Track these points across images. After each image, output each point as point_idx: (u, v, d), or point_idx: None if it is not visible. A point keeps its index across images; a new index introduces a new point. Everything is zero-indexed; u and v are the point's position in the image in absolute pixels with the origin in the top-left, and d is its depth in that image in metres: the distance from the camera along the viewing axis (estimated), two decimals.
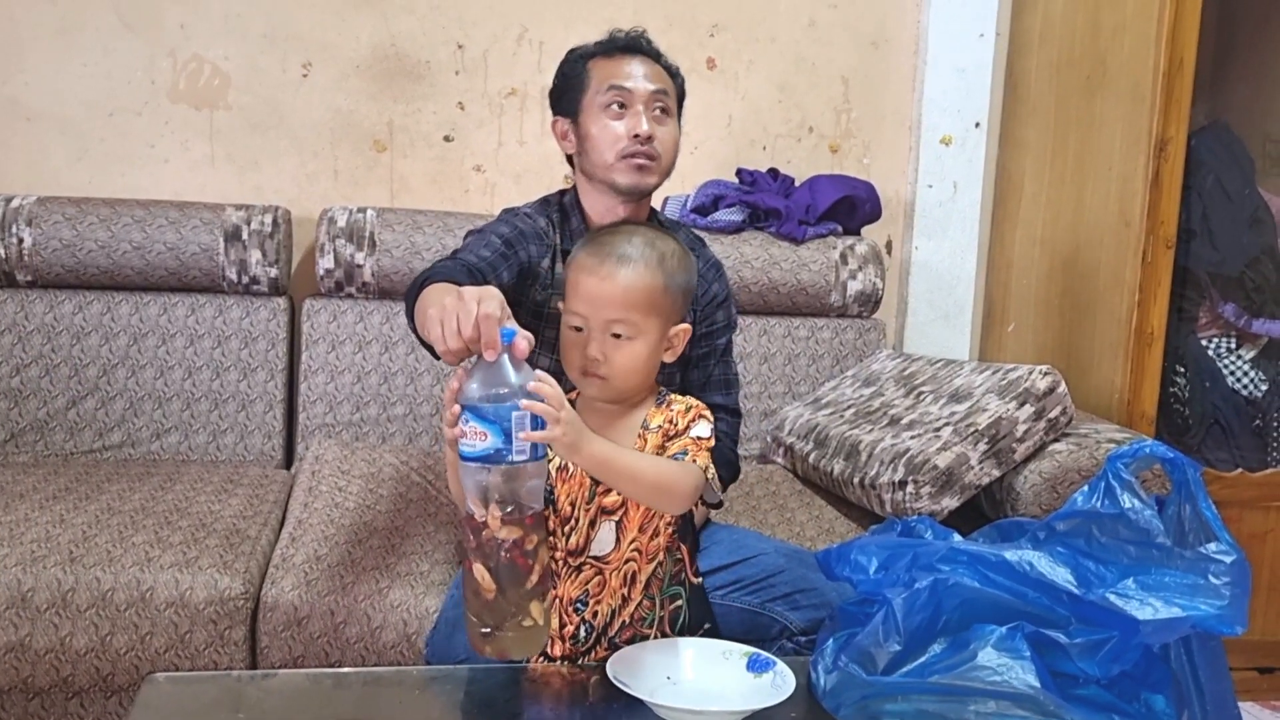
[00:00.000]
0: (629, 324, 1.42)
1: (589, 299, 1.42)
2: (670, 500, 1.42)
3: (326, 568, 1.96)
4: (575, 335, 1.44)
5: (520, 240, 1.83)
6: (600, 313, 1.42)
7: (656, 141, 1.80)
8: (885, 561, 1.41)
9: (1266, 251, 2.90)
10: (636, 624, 1.49)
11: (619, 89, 1.81)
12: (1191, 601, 1.25)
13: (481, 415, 1.25)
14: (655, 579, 1.50)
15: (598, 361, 1.42)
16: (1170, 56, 2.49)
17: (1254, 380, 2.95)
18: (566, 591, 1.48)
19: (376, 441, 2.60)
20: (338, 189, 2.88)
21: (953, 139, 3.01)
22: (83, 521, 2.08)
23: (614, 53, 1.86)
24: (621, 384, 1.45)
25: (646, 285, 1.43)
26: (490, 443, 1.25)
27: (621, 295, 1.41)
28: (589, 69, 1.86)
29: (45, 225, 2.55)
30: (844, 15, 3.00)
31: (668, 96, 1.84)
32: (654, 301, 1.44)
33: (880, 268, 2.82)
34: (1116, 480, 1.35)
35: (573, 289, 1.44)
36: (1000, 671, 1.27)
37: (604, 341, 1.42)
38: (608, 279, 1.41)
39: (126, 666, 1.92)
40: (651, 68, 1.85)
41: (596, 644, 1.49)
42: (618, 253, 1.43)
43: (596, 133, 1.82)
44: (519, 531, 1.28)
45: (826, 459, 2.37)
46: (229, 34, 2.80)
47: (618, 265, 1.42)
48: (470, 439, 1.26)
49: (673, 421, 1.46)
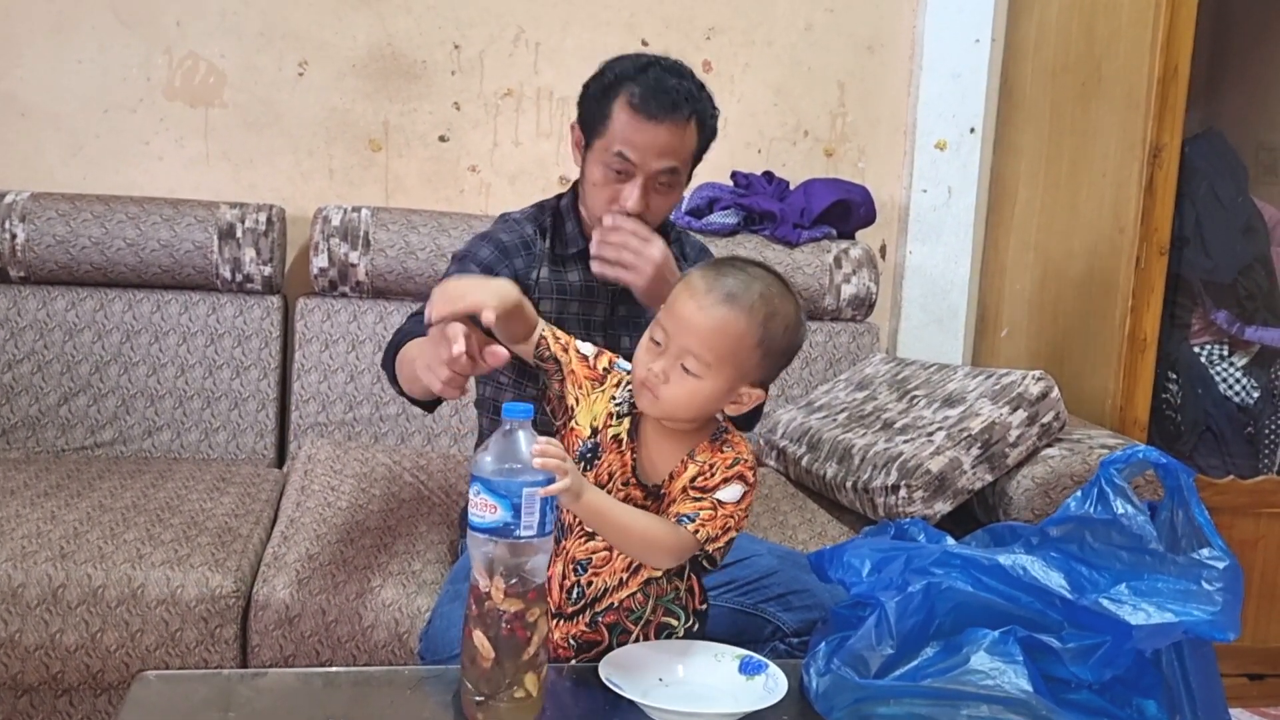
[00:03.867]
0: (701, 362, 1.37)
1: (677, 320, 1.37)
2: (651, 557, 1.43)
3: (318, 566, 1.95)
4: (652, 346, 1.40)
5: (502, 260, 1.80)
6: (681, 338, 1.37)
7: (648, 214, 1.74)
8: (878, 564, 1.41)
9: (1259, 259, 2.90)
10: (622, 613, 1.48)
11: (624, 158, 1.71)
12: (1184, 607, 1.25)
13: (493, 489, 1.25)
14: (655, 583, 1.49)
15: (657, 377, 1.38)
16: (1165, 64, 2.49)
17: (1246, 387, 2.95)
18: (574, 550, 1.48)
19: (369, 441, 2.60)
20: (333, 188, 2.88)
21: (947, 144, 3.02)
22: (74, 518, 2.08)
23: (640, 116, 1.70)
24: (669, 411, 1.41)
25: (737, 333, 1.37)
26: (499, 516, 1.25)
27: (708, 332, 1.36)
28: (614, 110, 1.72)
29: (39, 221, 2.54)
30: (840, 20, 3.01)
31: (675, 172, 1.74)
32: (737, 352, 1.38)
33: (874, 272, 2.82)
34: (1109, 486, 1.35)
35: (670, 304, 1.39)
36: (993, 675, 1.27)
37: (672, 365, 1.38)
38: (703, 310, 1.36)
39: (116, 664, 1.91)
40: (673, 141, 1.72)
41: (581, 613, 1.49)
42: (728, 289, 1.37)
43: (593, 182, 1.76)
44: (521, 604, 1.29)
45: (819, 462, 2.37)
46: (225, 32, 2.79)
47: (720, 302, 1.36)
48: (480, 510, 1.26)
49: (712, 468, 1.42)
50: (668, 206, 1.80)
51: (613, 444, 1.47)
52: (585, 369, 1.49)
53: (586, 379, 1.49)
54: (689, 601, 1.53)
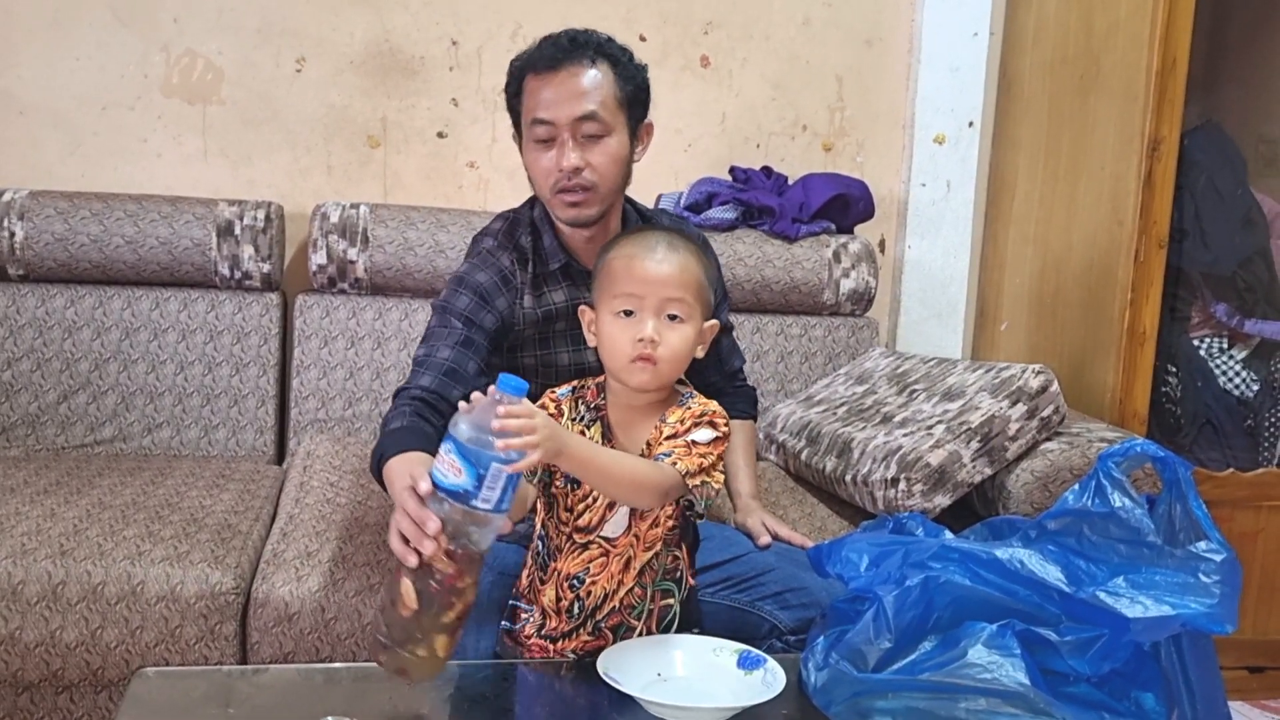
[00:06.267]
0: (684, 304, 1.45)
1: (646, 279, 1.44)
2: (640, 497, 1.44)
3: (318, 563, 1.96)
4: (625, 321, 1.45)
5: (483, 307, 1.77)
6: (659, 292, 1.44)
7: (588, 171, 1.70)
8: (876, 559, 1.41)
9: (1259, 252, 2.90)
10: (625, 611, 1.50)
11: (541, 121, 1.70)
12: (1182, 600, 1.25)
13: (464, 453, 1.25)
14: (650, 569, 1.51)
15: (654, 342, 1.43)
16: (1163, 57, 2.49)
17: (1245, 380, 2.95)
18: (566, 567, 1.50)
19: (369, 437, 2.60)
20: (331, 184, 2.88)
21: (946, 138, 3.02)
22: (74, 515, 2.08)
23: (541, 69, 1.71)
24: (669, 370, 1.47)
25: (696, 270, 1.47)
26: (462, 481, 1.26)
27: (679, 275, 1.45)
28: (524, 90, 1.75)
29: (37, 219, 2.54)
30: (838, 13, 3.01)
31: (598, 118, 1.70)
32: (700, 287, 1.48)
33: (873, 266, 2.82)
34: (1107, 479, 1.35)
35: (624, 275, 1.45)
36: (991, 669, 1.27)
37: (660, 322, 1.44)
38: (665, 261, 1.45)
39: (116, 660, 1.91)
40: (582, 81, 1.69)
41: (583, 624, 1.50)
42: (666, 240, 1.47)
43: (530, 163, 1.75)
44: (455, 568, 1.29)
45: (819, 456, 2.37)
46: (223, 28, 2.79)
47: (669, 250, 1.46)
48: (445, 469, 1.26)
49: (682, 421, 1.47)
50: (608, 160, 1.72)
51: None
52: None
53: None
54: (684, 575, 1.55)
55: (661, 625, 1.53)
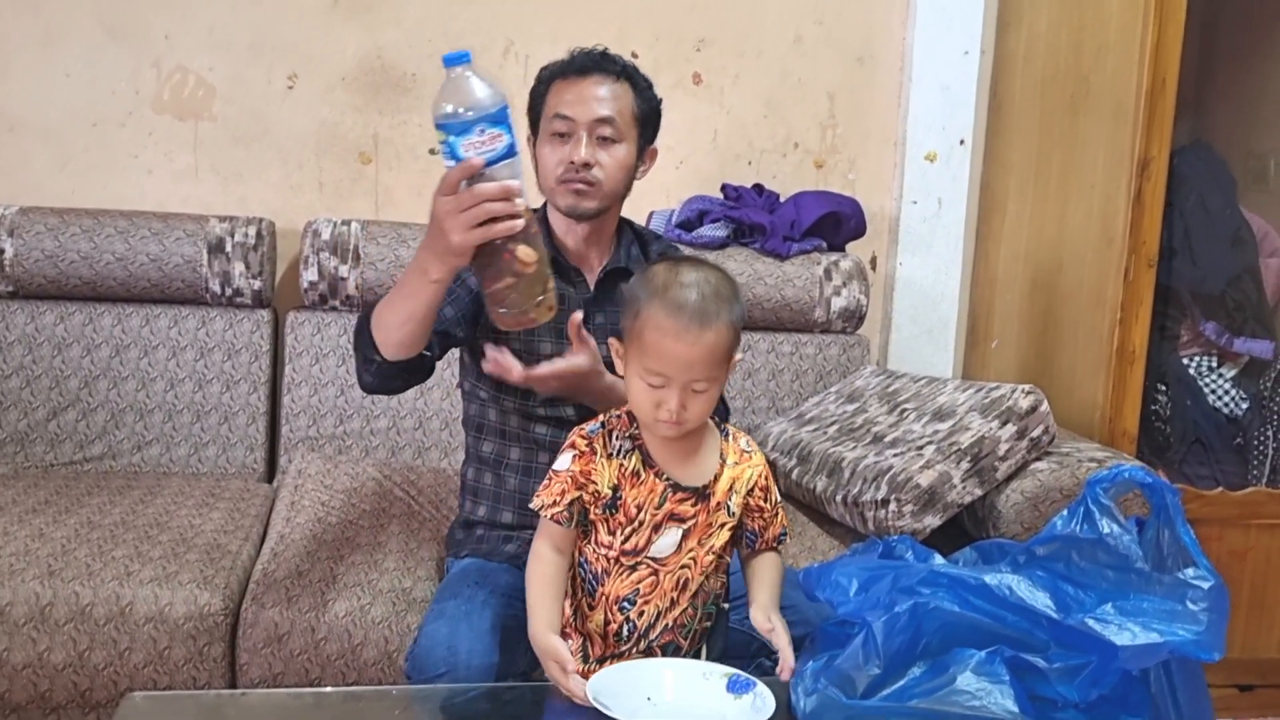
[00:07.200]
0: (708, 379, 1.46)
1: (676, 363, 1.43)
2: None
3: (308, 584, 1.95)
4: (650, 389, 1.45)
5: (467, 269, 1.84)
6: (686, 374, 1.44)
7: (596, 168, 1.81)
8: (865, 584, 1.41)
9: (1247, 270, 2.92)
10: (676, 630, 1.54)
11: (562, 117, 1.82)
12: (1169, 627, 1.25)
13: (494, 120, 1.41)
14: (703, 591, 1.55)
15: (675, 413, 1.45)
16: (1153, 76, 2.50)
17: (1235, 398, 2.96)
18: (615, 589, 1.52)
19: (360, 455, 2.60)
20: (322, 201, 2.87)
21: (937, 155, 3.03)
22: (62, 535, 2.07)
23: (570, 74, 1.85)
24: (690, 429, 1.49)
25: (727, 342, 1.46)
26: (507, 141, 1.42)
27: (707, 356, 1.44)
28: (549, 92, 1.87)
29: (27, 235, 2.54)
30: (830, 32, 3.01)
31: (614, 124, 1.82)
32: (728, 354, 1.48)
33: (864, 284, 2.83)
34: (1095, 505, 1.35)
35: (654, 351, 1.44)
36: (979, 695, 1.27)
37: (685, 395, 1.45)
38: (695, 344, 1.43)
39: (104, 682, 1.91)
40: (604, 90, 1.83)
41: (635, 645, 1.53)
42: (698, 311, 1.43)
43: (543, 156, 1.86)
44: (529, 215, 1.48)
45: (809, 476, 2.37)
46: (214, 45, 2.79)
47: (701, 329, 1.43)
48: (489, 144, 1.41)
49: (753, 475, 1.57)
50: (616, 164, 1.84)
51: (632, 478, 1.51)
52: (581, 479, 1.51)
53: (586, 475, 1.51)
54: (723, 594, 1.60)
55: (696, 646, 1.57)
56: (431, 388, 2.61)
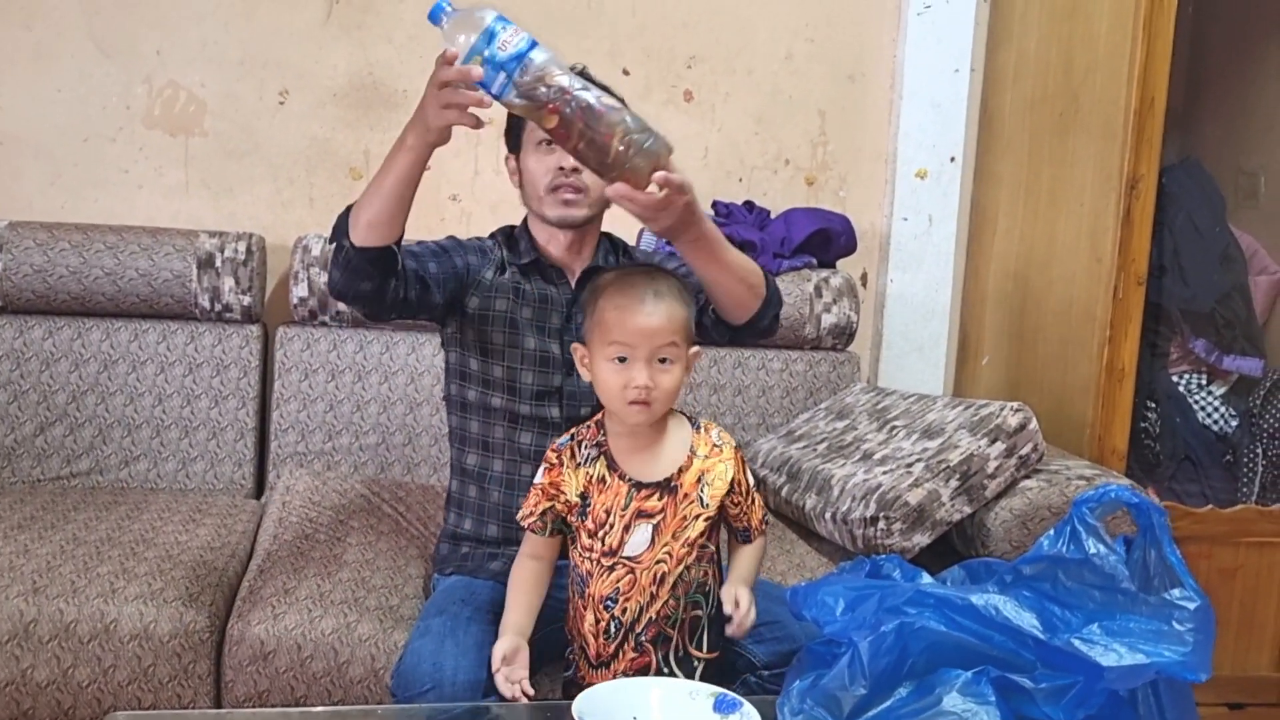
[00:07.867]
0: (673, 348, 1.55)
1: (639, 331, 1.53)
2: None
3: (294, 601, 1.94)
4: (618, 367, 1.55)
5: (458, 250, 1.93)
6: (650, 342, 1.53)
7: (584, 174, 1.84)
8: (852, 603, 1.40)
9: (1237, 288, 2.92)
10: (661, 622, 1.58)
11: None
12: (1155, 648, 1.25)
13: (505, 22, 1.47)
14: (683, 582, 1.58)
15: (650, 389, 1.53)
16: (1142, 95, 2.51)
17: (1224, 416, 2.96)
18: (599, 590, 1.59)
19: (348, 471, 2.59)
20: (313, 216, 2.87)
21: (928, 173, 3.03)
22: (47, 552, 2.06)
23: None
24: (663, 408, 1.58)
25: (683, 315, 1.57)
26: (527, 35, 1.47)
27: (668, 324, 1.54)
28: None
29: (16, 250, 2.53)
30: (821, 49, 3.02)
31: None
32: (686, 328, 1.58)
33: (855, 301, 2.83)
34: (1082, 524, 1.35)
35: (617, 326, 1.54)
36: (965, 716, 1.26)
37: (652, 369, 1.54)
38: (653, 313, 1.54)
39: (88, 699, 1.89)
40: None
41: (624, 641, 1.58)
42: (652, 289, 1.56)
43: (529, 168, 1.90)
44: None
45: (799, 493, 2.37)
46: (205, 60, 2.79)
47: (657, 300, 1.55)
48: (514, 39, 1.46)
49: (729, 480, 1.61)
50: None
51: (598, 484, 1.59)
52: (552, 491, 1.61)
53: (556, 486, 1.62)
54: (713, 589, 1.62)
55: (694, 637, 1.60)
56: (421, 404, 2.61)
